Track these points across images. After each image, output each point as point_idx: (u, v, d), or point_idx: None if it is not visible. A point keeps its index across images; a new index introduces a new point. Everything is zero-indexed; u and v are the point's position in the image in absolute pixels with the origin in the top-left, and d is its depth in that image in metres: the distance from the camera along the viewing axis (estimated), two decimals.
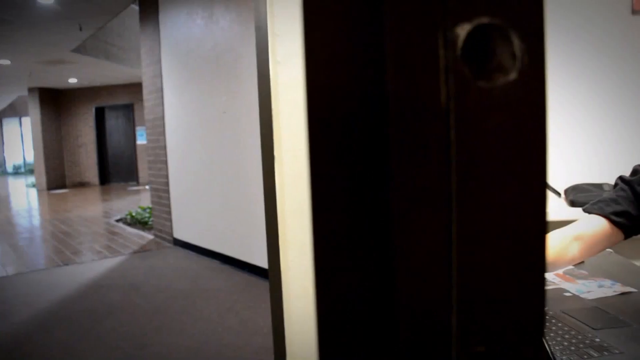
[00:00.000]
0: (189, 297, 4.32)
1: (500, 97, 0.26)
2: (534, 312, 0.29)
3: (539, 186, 0.27)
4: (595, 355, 0.98)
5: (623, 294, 1.33)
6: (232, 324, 3.67)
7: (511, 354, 0.29)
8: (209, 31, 5.21)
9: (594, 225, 1.38)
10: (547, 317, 1.15)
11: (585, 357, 0.97)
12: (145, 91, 6.71)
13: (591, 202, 1.47)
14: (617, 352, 0.98)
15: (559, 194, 2.84)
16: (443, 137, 0.26)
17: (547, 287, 1.37)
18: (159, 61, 6.20)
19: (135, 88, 12.92)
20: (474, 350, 0.29)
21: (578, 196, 2.60)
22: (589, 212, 1.43)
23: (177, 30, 5.82)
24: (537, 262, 0.28)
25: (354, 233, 0.28)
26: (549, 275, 1.45)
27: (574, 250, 1.34)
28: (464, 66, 0.26)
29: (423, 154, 0.26)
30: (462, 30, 0.26)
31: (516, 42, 0.27)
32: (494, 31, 0.27)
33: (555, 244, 1.32)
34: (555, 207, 2.62)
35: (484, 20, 0.27)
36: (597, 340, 1.03)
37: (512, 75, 0.27)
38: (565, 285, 1.39)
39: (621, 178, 1.47)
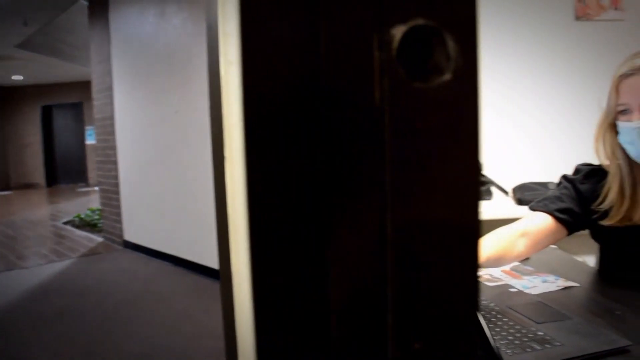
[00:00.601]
0: (140, 301, 4.24)
1: (435, 98, 0.27)
2: (468, 307, 0.29)
3: (473, 183, 0.28)
4: (538, 348, 1.01)
5: (566, 288, 1.38)
6: (184, 327, 3.62)
7: (447, 349, 0.30)
8: (160, 29, 5.12)
9: (539, 222, 1.44)
10: (493, 312, 1.19)
11: (529, 350, 1.00)
12: (94, 90, 6.54)
13: (537, 199, 1.53)
14: (558, 344, 1.02)
15: (506, 192, 2.92)
16: (377, 136, 0.26)
17: (494, 284, 1.41)
18: (109, 59, 6.05)
19: (85, 86, 12.57)
20: (411, 347, 0.29)
21: (525, 194, 2.68)
22: (535, 210, 1.48)
23: (128, 27, 5.70)
24: (471, 258, 0.28)
25: (290, 229, 0.28)
26: (495, 272, 1.49)
27: (521, 246, 1.39)
28: (399, 67, 0.27)
29: (357, 153, 0.27)
30: (398, 32, 0.27)
31: (450, 44, 0.28)
32: (429, 33, 0.28)
33: (503, 240, 1.36)
34: (503, 205, 2.69)
35: (419, 21, 0.27)
36: (540, 333, 1.07)
37: (447, 76, 0.27)
38: (511, 281, 1.43)
39: (564, 177, 1.54)
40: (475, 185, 0.28)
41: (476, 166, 0.29)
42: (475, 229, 0.29)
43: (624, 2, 3.39)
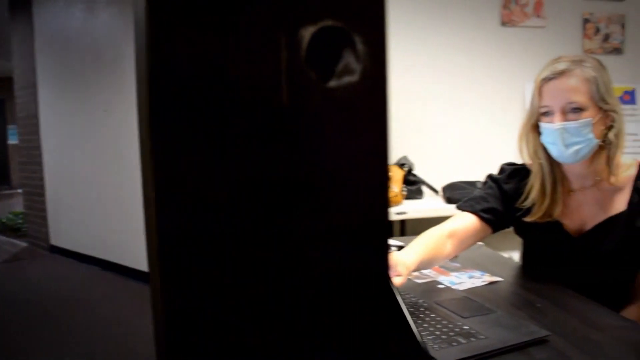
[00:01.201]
0: (68, 308, 4.06)
1: (343, 98, 0.27)
2: (380, 307, 0.29)
3: (381, 179, 0.28)
4: (464, 341, 1.04)
5: (491, 283, 1.43)
6: (116, 333, 3.50)
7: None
8: (89, 24, 4.92)
9: (466, 222, 1.49)
10: (421, 308, 1.21)
11: (455, 344, 1.03)
12: (16, 87, 6.21)
13: (463, 200, 1.58)
14: (482, 337, 1.05)
15: (436, 191, 3.00)
16: (286, 135, 0.26)
17: (423, 281, 1.44)
18: (33, 54, 5.77)
19: (6, 83, 11.93)
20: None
21: (453, 193, 2.76)
22: (461, 210, 1.53)
23: (53, 21, 5.45)
24: (380, 253, 0.29)
25: (199, 226, 0.27)
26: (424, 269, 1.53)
27: (449, 247, 1.44)
28: (308, 68, 0.27)
29: (266, 151, 0.26)
30: (307, 33, 0.27)
31: (359, 46, 0.28)
32: (339, 34, 0.27)
33: (432, 242, 1.40)
34: (434, 204, 2.77)
35: (328, 23, 0.27)
36: (466, 327, 1.10)
37: (355, 77, 0.27)
38: (439, 278, 1.47)
39: (490, 176, 1.59)
40: (384, 182, 0.29)
41: (384, 164, 0.29)
42: (384, 224, 0.29)
43: (546, 10, 3.56)
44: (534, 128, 1.43)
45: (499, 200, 1.52)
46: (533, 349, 1.03)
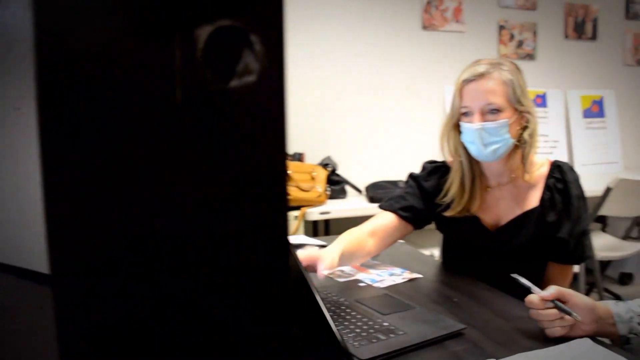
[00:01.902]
0: None
1: (240, 98, 0.26)
2: (281, 307, 0.29)
3: (280, 179, 0.28)
4: (383, 338, 1.06)
5: (411, 280, 1.46)
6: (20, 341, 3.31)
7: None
8: None
9: (386, 220, 1.53)
10: (342, 307, 1.22)
11: (375, 340, 1.05)
12: None
13: (385, 199, 1.61)
14: (401, 333, 1.07)
15: (360, 190, 3.05)
16: (178, 134, 0.25)
17: (345, 279, 1.46)
18: None
19: None
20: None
21: (376, 193, 2.81)
22: (382, 209, 1.57)
23: None
24: (280, 254, 0.28)
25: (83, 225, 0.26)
26: (346, 268, 1.55)
27: (370, 245, 1.46)
28: (204, 67, 0.26)
29: (157, 150, 0.25)
30: (203, 32, 0.26)
31: (257, 46, 0.28)
32: (237, 34, 0.27)
33: (354, 239, 1.43)
34: (357, 203, 2.81)
35: (226, 22, 0.27)
36: (385, 324, 1.12)
37: (252, 78, 0.27)
38: (360, 276, 1.49)
39: (410, 175, 1.64)
40: (283, 180, 0.29)
41: (284, 164, 0.29)
42: (283, 226, 0.29)
43: (464, 16, 3.70)
44: (455, 127, 1.48)
45: (419, 198, 1.57)
46: (450, 342, 1.07)
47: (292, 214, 2.67)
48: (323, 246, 1.71)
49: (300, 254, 1.28)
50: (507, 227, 1.49)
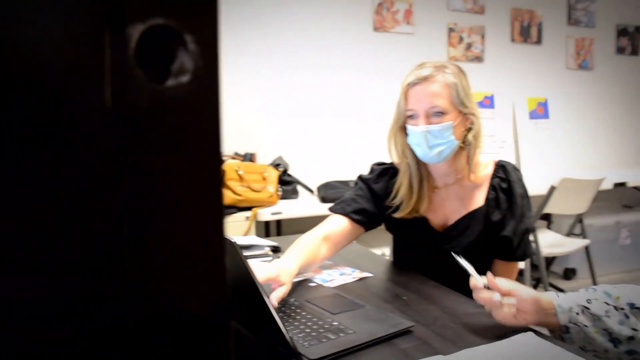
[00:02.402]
0: None
1: (172, 99, 0.26)
2: (218, 311, 0.29)
3: (214, 180, 0.28)
4: (333, 337, 1.06)
5: (361, 279, 1.47)
6: None
7: (198, 351, 0.29)
8: None
9: (338, 224, 1.53)
10: (293, 307, 1.22)
11: (324, 340, 1.04)
12: None
13: (336, 202, 1.62)
14: (350, 332, 1.08)
15: (312, 191, 3.05)
16: (108, 138, 0.25)
17: (295, 280, 1.46)
18: None
19: None
20: (161, 352, 0.28)
21: (328, 193, 2.82)
22: (333, 212, 1.57)
23: None
24: (216, 264, 0.28)
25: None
26: None
27: (324, 251, 1.47)
28: (136, 67, 0.25)
29: (86, 154, 0.25)
30: (135, 31, 0.26)
31: (191, 45, 0.27)
32: (170, 33, 0.27)
33: (308, 248, 1.42)
34: (309, 203, 2.81)
35: (159, 21, 0.26)
36: (335, 323, 1.12)
37: (186, 78, 0.27)
38: (310, 275, 1.48)
39: (360, 177, 1.64)
40: (218, 182, 0.28)
41: (218, 166, 0.28)
42: (219, 235, 0.29)
43: (415, 18, 3.76)
44: (402, 129, 1.49)
45: (369, 200, 1.58)
46: (399, 340, 1.08)
47: (244, 214, 2.65)
48: (275, 247, 1.71)
49: (259, 273, 1.20)
50: (454, 227, 1.52)
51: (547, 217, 3.95)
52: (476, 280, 1.15)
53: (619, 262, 4.18)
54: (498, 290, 1.12)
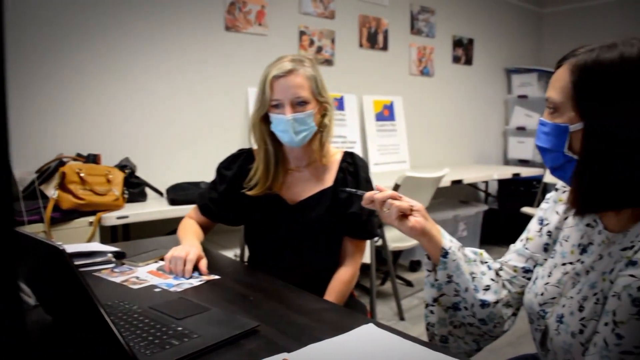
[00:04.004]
0: None
1: None
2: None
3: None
4: (177, 343, 1.03)
5: (208, 281, 1.45)
6: None
7: None
8: None
9: (199, 215, 1.79)
10: (135, 315, 1.16)
11: (168, 347, 1.01)
12: None
13: (198, 192, 1.86)
14: (195, 336, 1.05)
15: (161, 193, 2.95)
16: None
17: (139, 286, 1.39)
18: None
19: None
20: None
21: (178, 194, 2.74)
22: (196, 204, 1.80)
23: None
24: (7, 276, 0.25)
25: None
26: (142, 274, 1.48)
27: (201, 234, 1.76)
28: None
29: None
30: None
31: None
32: None
33: (196, 228, 1.75)
34: (158, 206, 2.71)
35: None
36: (180, 328, 1.09)
37: None
38: (155, 281, 1.43)
39: (217, 168, 1.81)
40: (8, 188, 0.25)
41: (8, 170, 0.26)
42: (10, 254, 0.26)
43: (267, 19, 3.78)
44: (263, 118, 1.62)
45: (219, 188, 1.74)
46: (245, 341, 1.07)
47: (87, 219, 2.48)
48: (119, 253, 1.62)
49: (192, 254, 1.51)
50: (305, 203, 1.67)
51: None
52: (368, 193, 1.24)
53: None
54: (390, 195, 1.21)
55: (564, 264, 1.13)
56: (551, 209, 1.21)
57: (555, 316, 1.07)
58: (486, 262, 1.28)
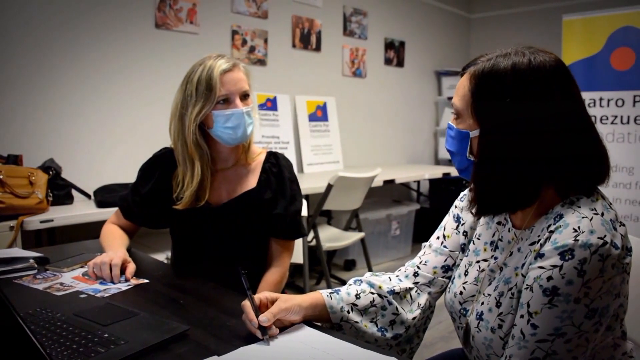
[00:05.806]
0: None
1: None
2: None
3: None
4: (103, 350, 1.00)
5: (137, 285, 1.42)
6: None
7: None
8: None
9: (122, 219, 1.75)
10: (58, 323, 1.12)
11: (93, 355, 0.98)
12: None
13: (119, 197, 1.79)
14: (122, 342, 1.03)
15: (88, 195, 2.85)
16: None
17: (64, 292, 1.34)
18: None
19: None
20: None
21: (106, 196, 2.66)
22: (119, 208, 1.76)
23: None
24: None
25: None
26: (66, 280, 1.43)
27: (126, 238, 1.77)
28: None
29: None
30: None
31: None
32: None
33: (121, 233, 1.72)
34: (85, 209, 2.62)
35: None
36: (106, 335, 1.06)
37: None
38: (81, 286, 1.38)
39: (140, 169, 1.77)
40: None
41: None
42: None
43: (199, 18, 3.73)
44: (197, 124, 1.55)
45: (147, 186, 1.69)
46: (174, 345, 1.06)
47: (8, 223, 2.36)
48: (41, 257, 1.56)
49: (117, 258, 1.46)
50: (229, 205, 1.63)
51: (327, 214, 4.22)
52: (248, 306, 1.11)
53: (391, 251, 4.67)
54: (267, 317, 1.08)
55: (478, 262, 1.19)
56: (467, 209, 1.27)
57: (475, 313, 1.12)
58: (385, 297, 1.23)
